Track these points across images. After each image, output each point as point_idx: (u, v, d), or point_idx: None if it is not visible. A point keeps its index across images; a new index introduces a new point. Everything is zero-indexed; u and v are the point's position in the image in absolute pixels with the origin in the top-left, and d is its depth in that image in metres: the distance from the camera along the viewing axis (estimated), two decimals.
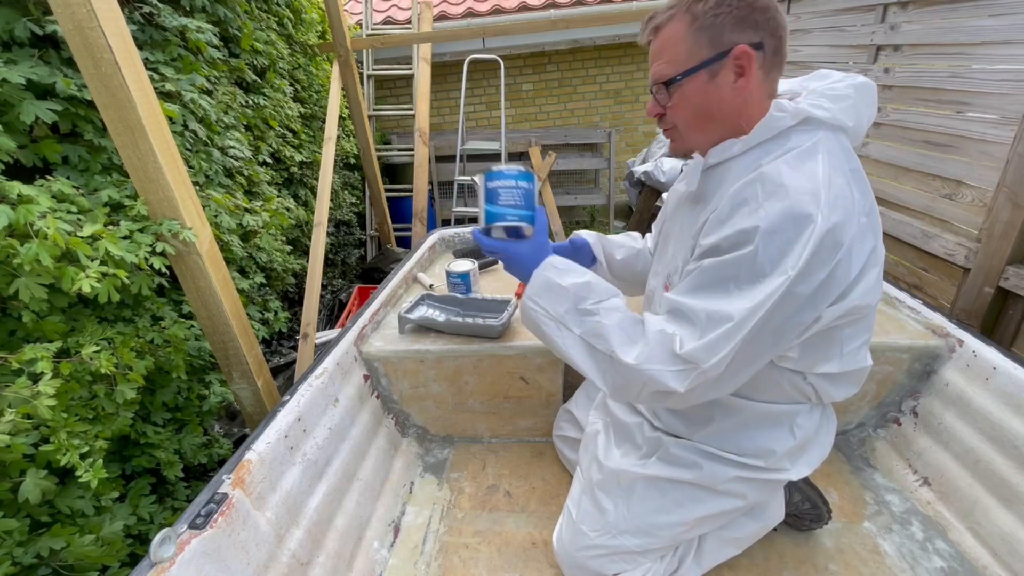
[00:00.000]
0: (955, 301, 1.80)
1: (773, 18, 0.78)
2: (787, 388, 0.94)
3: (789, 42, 0.81)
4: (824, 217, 0.71)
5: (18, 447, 1.07)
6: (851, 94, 0.82)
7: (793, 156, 0.77)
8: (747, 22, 0.77)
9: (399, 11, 4.67)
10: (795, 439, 0.97)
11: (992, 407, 1.21)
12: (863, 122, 0.83)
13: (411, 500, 1.43)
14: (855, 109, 0.81)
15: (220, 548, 0.88)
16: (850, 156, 0.80)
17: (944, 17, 1.85)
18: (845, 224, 0.73)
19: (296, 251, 3.00)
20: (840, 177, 0.76)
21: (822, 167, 0.75)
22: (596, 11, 4.43)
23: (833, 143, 0.79)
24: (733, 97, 0.81)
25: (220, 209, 1.93)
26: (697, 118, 0.85)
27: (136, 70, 1.30)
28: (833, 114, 0.79)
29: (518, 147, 4.91)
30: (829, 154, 0.77)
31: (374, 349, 1.47)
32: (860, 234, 0.75)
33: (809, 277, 0.73)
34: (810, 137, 0.79)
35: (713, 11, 0.78)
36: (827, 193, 0.72)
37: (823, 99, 0.81)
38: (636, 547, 1.04)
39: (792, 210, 0.72)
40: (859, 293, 0.78)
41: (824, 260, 0.72)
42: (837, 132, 0.81)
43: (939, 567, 1.16)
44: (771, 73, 0.82)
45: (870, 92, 0.85)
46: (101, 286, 1.21)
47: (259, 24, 2.78)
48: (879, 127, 2.18)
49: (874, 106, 0.85)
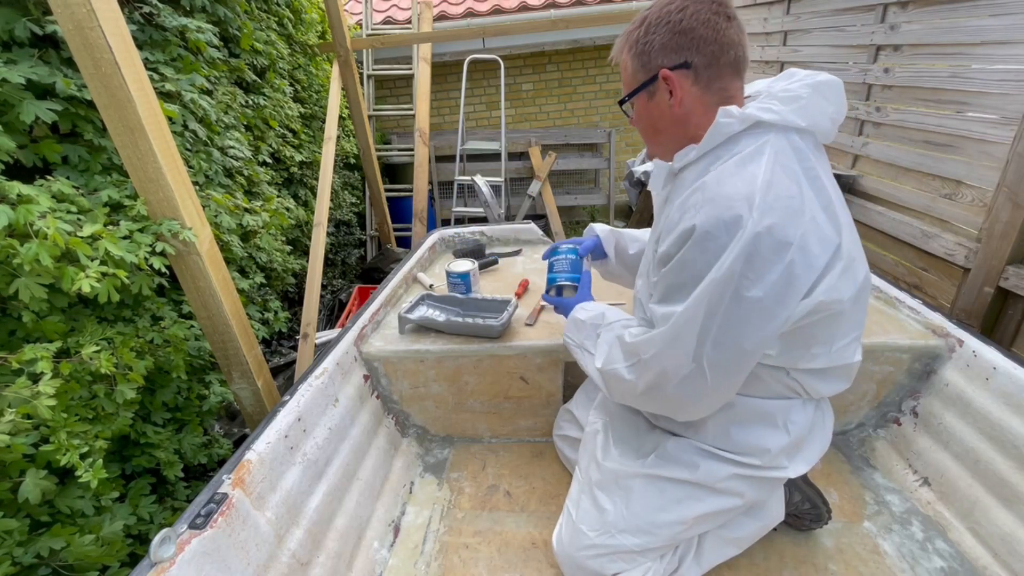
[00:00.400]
0: (955, 301, 1.80)
1: (696, 38, 0.83)
2: (772, 383, 0.95)
3: (734, 49, 0.84)
4: (755, 220, 0.74)
5: (18, 447, 1.07)
6: (804, 94, 0.83)
7: (736, 161, 0.82)
8: (670, 47, 0.85)
9: (399, 11, 4.67)
10: (789, 436, 0.98)
11: (992, 407, 1.21)
12: (821, 120, 0.84)
13: (411, 500, 1.43)
14: (807, 109, 0.83)
15: (220, 548, 0.88)
16: (803, 156, 0.82)
17: (944, 17, 1.85)
18: (786, 224, 0.75)
19: (296, 251, 3.00)
20: (786, 177, 0.78)
21: (764, 169, 0.78)
22: (596, 11, 4.43)
23: (783, 144, 0.81)
24: (672, 113, 0.89)
25: (220, 209, 1.93)
26: (649, 131, 0.96)
27: (136, 70, 1.30)
28: (782, 116, 0.82)
29: (518, 147, 4.91)
30: (776, 155, 0.80)
31: (374, 349, 1.47)
32: (813, 230, 0.77)
33: (759, 280, 0.76)
34: (756, 140, 0.82)
35: (643, 39, 0.87)
36: (763, 196, 0.75)
37: (774, 101, 0.84)
38: (635, 546, 1.04)
39: (723, 216, 0.76)
40: (823, 289, 0.80)
41: (771, 261, 0.75)
42: (789, 133, 0.83)
43: (939, 567, 1.16)
44: (713, 84, 0.86)
45: (831, 89, 0.86)
46: (101, 286, 1.21)
47: (259, 24, 2.78)
48: (879, 127, 2.18)
49: (837, 103, 0.86)
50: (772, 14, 2.93)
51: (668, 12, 0.84)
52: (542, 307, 1.62)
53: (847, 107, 0.89)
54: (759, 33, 3.09)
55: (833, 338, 0.90)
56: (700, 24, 0.83)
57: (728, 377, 0.86)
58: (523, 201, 4.60)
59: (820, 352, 0.90)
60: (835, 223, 0.81)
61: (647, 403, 1.00)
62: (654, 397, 0.95)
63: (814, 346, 0.89)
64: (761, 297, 0.77)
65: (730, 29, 0.84)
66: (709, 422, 1.01)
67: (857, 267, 0.85)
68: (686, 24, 0.83)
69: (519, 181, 5.13)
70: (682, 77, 0.86)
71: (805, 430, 0.99)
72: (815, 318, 0.84)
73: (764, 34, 3.03)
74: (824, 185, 0.82)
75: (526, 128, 5.23)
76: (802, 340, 0.88)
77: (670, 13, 0.84)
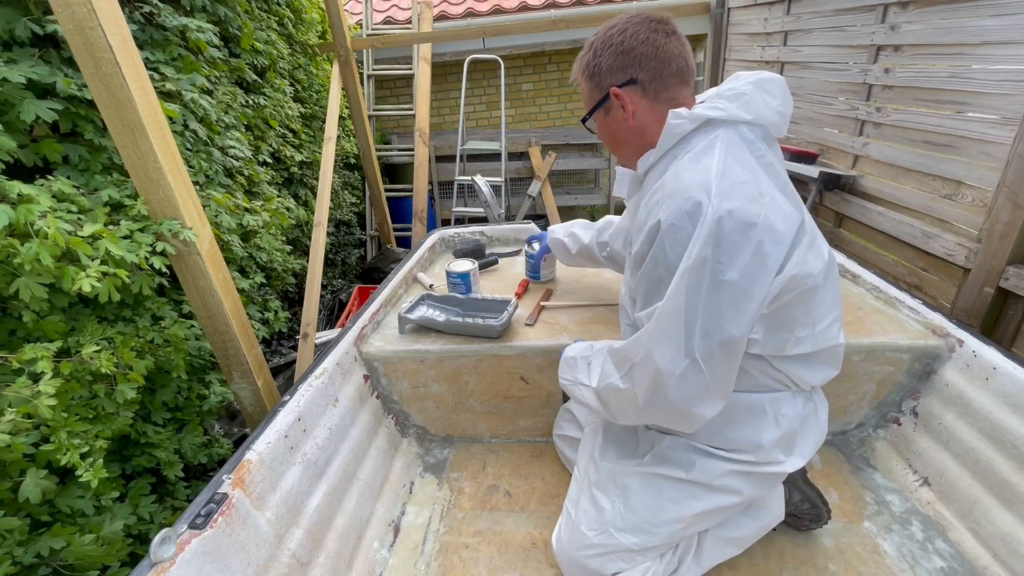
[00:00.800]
0: (955, 301, 1.80)
1: (638, 55, 0.91)
2: (759, 376, 0.96)
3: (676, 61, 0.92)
4: (715, 205, 0.78)
5: (18, 447, 1.07)
6: (747, 91, 0.90)
7: (690, 157, 0.88)
8: (615, 67, 0.93)
9: (399, 11, 4.67)
10: (780, 429, 0.98)
11: (992, 407, 1.21)
12: (766, 112, 0.90)
13: (411, 500, 1.43)
14: (751, 104, 0.89)
15: (220, 548, 0.88)
16: (754, 146, 0.88)
17: (944, 17, 1.85)
18: (747, 205, 0.79)
19: (296, 251, 3.00)
20: (738, 165, 0.84)
21: (716, 160, 0.84)
22: (596, 11, 4.43)
23: (733, 137, 0.88)
24: (628, 125, 0.97)
25: (220, 209, 1.93)
26: (611, 143, 1.05)
27: (136, 70, 1.30)
28: (728, 111, 0.88)
29: (518, 147, 4.91)
30: (727, 147, 0.86)
31: (374, 349, 1.47)
32: (775, 210, 0.81)
33: (732, 263, 0.79)
34: (707, 136, 0.89)
35: (592, 62, 0.96)
36: (719, 183, 0.80)
37: (721, 99, 0.90)
38: (634, 545, 1.05)
39: (683, 207, 0.81)
40: (795, 263, 0.83)
41: (739, 242, 0.79)
42: (738, 127, 0.89)
43: (939, 567, 1.16)
44: (661, 95, 0.94)
45: (772, 85, 0.92)
46: (101, 286, 1.21)
47: (259, 24, 2.78)
48: (879, 127, 2.18)
49: (780, 97, 0.91)
50: (772, 14, 2.93)
51: (611, 36, 0.93)
52: (542, 307, 1.62)
53: (791, 100, 0.95)
54: (759, 33, 3.09)
55: (814, 318, 0.92)
56: (640, 43, 0.91)
57: (723, 367, 0.86)
58: (523, 201, 4.61)
59: (804, 335, 0.92)
60: (794, 201, 0.86)
61: (653, 414, 0.96)
62: (657, 406, 0.92)
63: (796, 328, 0.91)
64: (738, 279, 0.80)
65: (669, 44, 0.92)
66: None
67: (820, 243, 0.90)
68: (627, 45, 0.92)
69: (519, 181, 5.13)
70: (631, 92, 0.94)
71: (796, 422, 0.99)
72: (790, 296, 0.87)
73: (764, 34, 3.03)
74: (778, 171, 0.88)
75: (526, 128, 5.23)
76: (784, 322, 0.90)
77: (612, 36, 0.93)
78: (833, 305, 0.95)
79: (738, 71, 0.97)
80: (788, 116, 0.93)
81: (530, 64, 4.99)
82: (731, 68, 3.61)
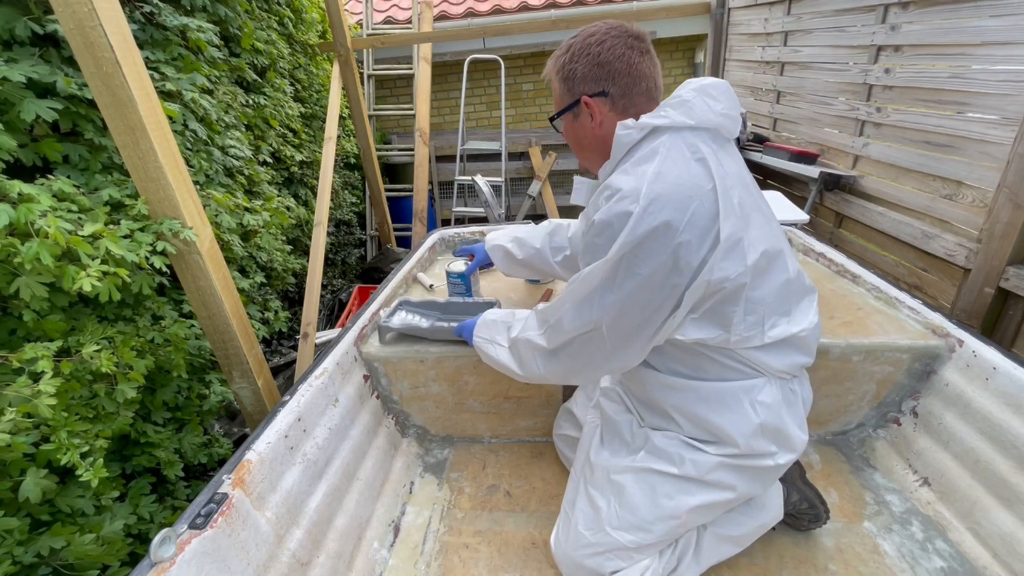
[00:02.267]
0: (955, 301, 1.80)
1: (612, 71, 0.95)
2: (725, 362, 0.98)
3: (646, 81, 0.96)
4: (641, 208, 0.85)
5: (18, 446, 1.07)
6: (690, 97, 0.94)
7: (633, 162, 0.94)
8: (590, 76, 0.96)
9: (399, 11, 4.67)
10: (759, 417, 0.98)
11: (992, 407, 1.21)
12: (709, 116, 0.93)
13: (411, 500, 1.43)
14: (693, 109, 0.93)
15: (220, 548, 0.88)
16: (695, 149, 0.91)
17: (945, 18, 1.85)
18: (671, 211, 0.84)
19: (296, 251, 3.00)
20: (675, 168, 0.88)
21: (654, 165, 0.89)
22: (596, 11, 4.43)
23: (676, 142, 0.92)
24: (594, 133, 1.01)
25: (220, 208, 1.93)
26: (575, 146, 1.08)
27: (137, 69, 1.30)
28: (671, 119, 0.92)
29: (518, 147, 4.91)
30: (668, 151, 0.90)
31: (374, 349, 1.47)
32: (700, 215, 0.86)
33: (647, 260, 0.86)
34: (650, 143, 0.93)
35: (568, 66, 0.98)
36: (649, 186, 0.86)
37: (667, 107, 0.95)
38: (630, 543, 1.05)
39: (614, 208, 0.88)
40: (708, 269, 0.87)
41: (657, 245, 0.85)
42: (682, 132, 0.93)
43: (939, 567, 1.16)
44: (629, 110, 0.98)
45: (715, 88, 0.96)
46: (102, 285, 1.21)
47: (260, 24, 2.78)
48: (880, 127, 2.18)
49: (724, 100, 0.95)
50: (773, 15, 2.93)
51: (589, 44, 0.96)
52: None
53: (737, 103, 0.99)
54: (759, 33, 3.09)
55: (754, 314, 0.94)
56: (615, 59, 0.94)
57: (625, 343, 0.96)
58: (523, 201, 4.61)
59: (754, 334, 0.94)
60: (727, 206, 0.88)
61: (555, 366, 1.08)
62: (560, 357, 1.06)
63: (737, 325, 0.93)
64: (650, 273, 0.87)
65: (642, 63, 0.95)
66: (681, 410, 1.03)
67: (745, 246, 0.91)
68: (603, 58, 0.95)
69: (519, 181, 5.13)
70: (601, 103, 0.98)
71: (775, 410, 0.99)
72: (713, 300, 0.91)
73: (765, 35, 3.03)
74: (712, 174, 0.89)
75: (526, 128, 5.23)
76: (721, 319, 0.93)
77: (590, 45, 0.96)
78: (790, 298, 0.99)
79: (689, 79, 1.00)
80: (736, 118, 0.97)
81: (530, 64, 4.99)
82: (731, 68, 3.61)
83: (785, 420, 1.00)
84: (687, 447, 1.04)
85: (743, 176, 0.98)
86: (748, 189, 0.96)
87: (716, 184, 0.88)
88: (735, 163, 0.98)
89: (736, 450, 1.00)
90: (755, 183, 1.02)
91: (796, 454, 1.03)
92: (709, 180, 0.89)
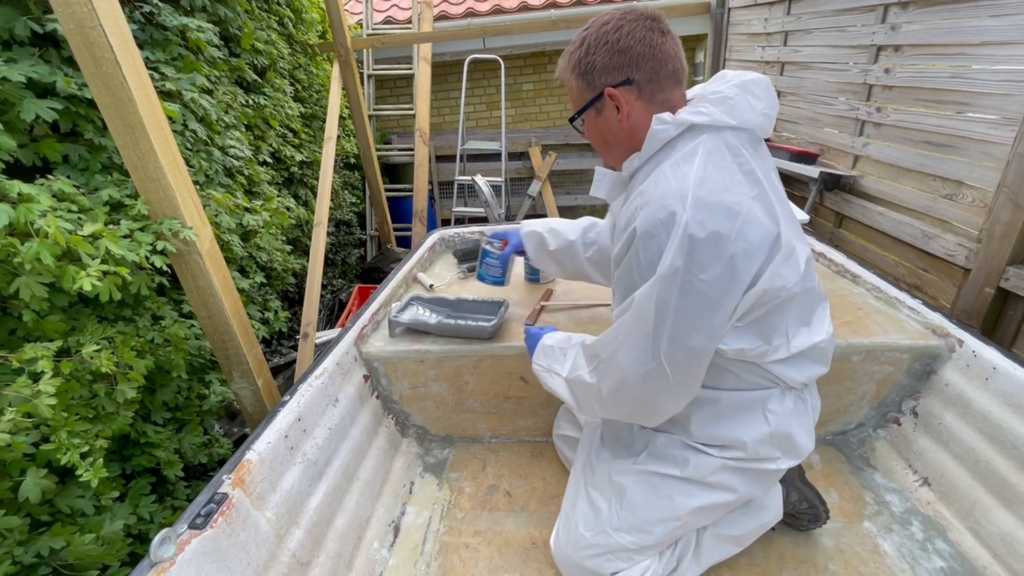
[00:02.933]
0: (955, 301, 1.80)
1: (635, 55, 0.88)
2: (747, 376, 0.97)
3: (672, 62, 0.89)
4: (689, 215, 0.78)
5: (18, 446, 1.07)
6: (733, 94, 0.88)
7: (671, 163, 0.86)
8: (611, 66, 0.89)
9: (399, 11, 4.67)
10: (770, 426, 0.98)
11: (992, 407, 1.21)
12: (752, 116, 0.88)
13: (411, 500, 1.43)
14: (736, 108, 0.87)
15: (220, 548, 0.88)
16: (737, 152, 0.86)
17: (945, 17, 1.85)
18: (721, 217, 0.79)
19: (296, 251, 3.00)
20: (718, 173, 0.82)
21: (696, 168, 0.83)
22: (596, 11, 4.42)
23: (717, 143, 0.86)
24: (620, 126, 0.94)
25: (220, 208, 1.93)
26: (600, 144, 1.01)
27: (137, 69, 1.30)
28: (713, 117, 0.86)
29: (518, 147, 4.91)
30: (709, 154, 0.84)
31: (374, 349, 1.47)
32: (751, 221, 0.80)
33: (703, 273, 0.80)
34: (690, 142, 0.87)
35: (585, 59, 0.91)
36: (695, 191, 0.80)
37: (706, 103, 0.88)
38: (631, 544, 1.05)
39: (658, 215, 0.81)
40: (768, 277, 0.83)
41: (711, 254, 0.79)
42: (722, 132, 0.87)
43: (939, 567, 1.15)
44: (656, 96, 0.91)
45: (758, 86, 0.90)
46: (102, 285, 1.21)
47: (259, 24, 2.78)
48: (880, 127, 2.18)
49: (766, 98, 0.90)
50: (772, 14, 2.93)
51: (605, 32, 0.89)
52: (542, 307, 1.62)
53: (776, 102, 0.93)
54: (759, 33, 3.09)
55: (790, 325, 0.93)
56: (637, 42, 0.87)
57: (687, 371, 0.89)
58: (523, 201, 4.60)
59: (781, 343, 0.93)
60: (771, 213, 0.83)
61: (615, 407, 1.01)
62: (620, 401, 0.98)
63: (774, 337, 0.92)
64: (707, 290, 0.81)
65: (665, 44, 0.88)
66: (692, 418, 1.02)
67: (798, 253, 0.88)
68: (624, 43, 0.88)
69: (519, 181, 5.13)
70: (626, 93, 0.90)
71: (786, 419, 0.99)
72: (764, 309, 0.87)
73: (765, 34, 3.03)
74: (759, 179, 0.85)
75: (526, 128, 5.23)
76: (760, 332, 0.91)
77: (607, 33, 0.89)
78: (809, 308, 0.96)
79: (724, 70, 0.96)
80: (773, 117, 0.92)
81: (530, 64, 4.99)
82: (731, 68, 3.61)
83: (795, 428, 1.00)
84: (691, 449, 1.04)
85: (775, 181, 0.93)
86: (780, 194, 0.92)
87: (762, 189, 0.84)
88: (768, 166, 0.93)
89: (742, 454, 1.00)
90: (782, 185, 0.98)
91: (800, 460, 1.03)
92: (753, 186, 0.84)
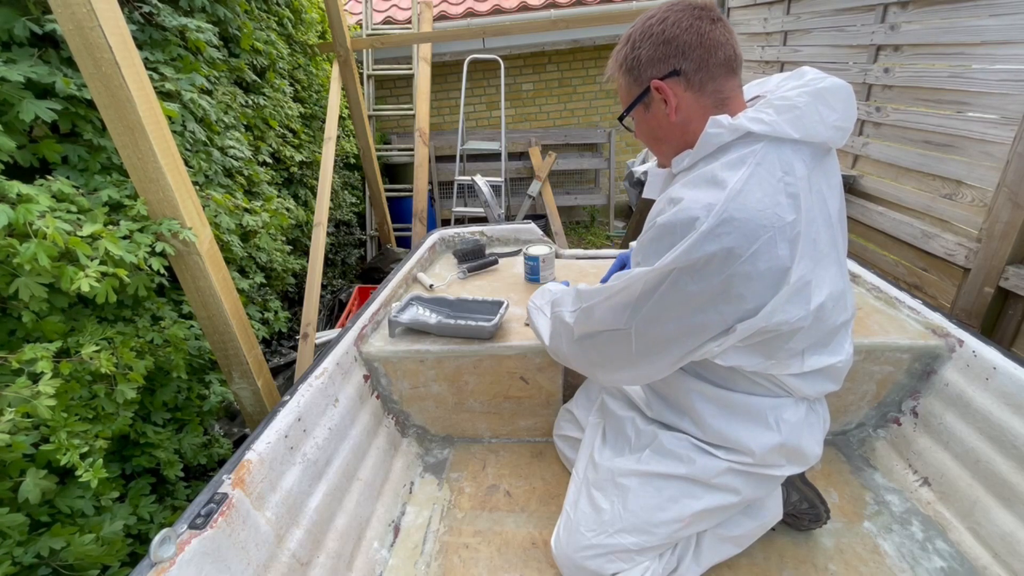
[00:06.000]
0: (955, 301, 1.80)
1: (681, 44, 0.84)
2: (760, 381, 0.97)
3: (723, 50, 0.84)
4: (708, 227, 0.76)
5: (18, 446, 1.07)
6: (802, 103, 0.81)
7: (716, 167, 0.83)
8: (656, 57, 0.86)
9: (399, 11, 4.67)
10: (780, 435, 0.98)
11: (992, 407, 1.21)
12: (820, 129, 0.82)
13: (411, 500, 1.43)
14: (802, 119, 0.81)
15: (220, 548, 0.88)
16: (789, 170, 0.80)
17: (944, 17, 1.85)
18: (739, 237, 0.75)
19: (296, 251, 3.00)
20: (759, 189, 0.77)
21: (738, 180, 0.78)
22: (596, 11, 4.43)
23: (771, 156, 0.80)
24: (670, 120, 0.90)
25: (220, 209, 1.93)
26: (650, 141, 0.98)
27: (136, 70, 1.29)
28: (773, 127, 0.80)
29: (518, 147, 4.91)
30: (757, 166, 0.79)
31: (374, 349, 1.47)
32: (767, 251, 0.76)
33: (697, 278, 0.79)
34: (742, 148, 0.82)
35: (631, 55, 0.89)
36: (725, 205, 0.76)
37: (769, 109, 0.82)
38: (633, 545, 1.05)
39: (680, 216, 0.80)
40: (768, 312, 0.80)
41: (710, 267, 0.78)
42: (781, 145, 0.81)
43: (939, 567, 1.15)
44: (707, 87, 0.86)
45: (835, 95, 0.83)
46: (100, 286, 1.21)
47: (259, 24, 2.78)
48: (879, 127, 2.18)
49: (841, 109, 0.83)
50: (772, 14, 2.93)
51: (650, 25, 0.86)
52: None
53: (856, 111, 0.86)
54: (759, 33, 3.09)
55: (797, 351, 0.91)
56: (683, 31, 0.84)
57: (651, 350, 0.91)
58: (523, 201, 4.60)
59: (793, 362, 0.92)
60: (793, 247, 0.78)
61: (579, 352, 1.05)
62: (584, 348, 1.03)
63: (780, 356, 0.91)
64: (696, 292, 0.81)
65: (715, 31, 0.84)
66: (703, 413, 1.02)
67: (812, 291, 0.84)
68: (669, 33, 0.84)
69: (519, 181, 5.13)
70: (674, 84, 0.86)
71: (797, 429, 0.99)
72: (764, 337, 0.86)
73: (764, 34, 3.03)
74: (801, 205, 0.79)
75: (526, 128, 5.23)
76: (761, 351, 0.90)
77: (652, 26, 0.86)
78: (830, 333, 0.94)
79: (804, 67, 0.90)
80: (848, 129, 0.85)
81: (530, 64, 4.99)
82: None
83: (805, 440, 1.00)
84: (698, 449, 1.04)
85: (830, 201, 0.88)
86: (830, 219, 0.87)
87: (800, 218, 0.78)
88: (828, 184, 0.87)
89: (749, 459, 1.00)
90: (843, 203, 0.93)
91: (807, 467, 1.03)
92: (792, 212, 0.78)
